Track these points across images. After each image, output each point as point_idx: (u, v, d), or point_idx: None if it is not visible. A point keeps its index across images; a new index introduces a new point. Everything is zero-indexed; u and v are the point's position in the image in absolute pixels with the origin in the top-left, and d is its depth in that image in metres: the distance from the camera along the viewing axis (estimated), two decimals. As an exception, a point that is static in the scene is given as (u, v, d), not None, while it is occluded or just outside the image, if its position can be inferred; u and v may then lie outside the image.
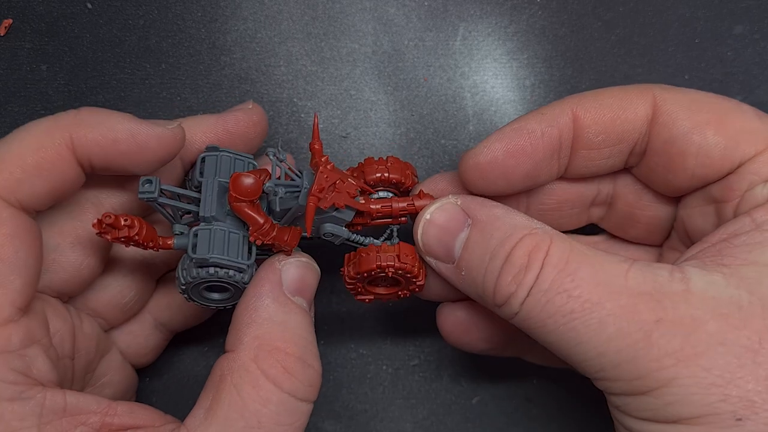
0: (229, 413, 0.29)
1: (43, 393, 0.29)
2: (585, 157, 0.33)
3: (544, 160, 0.33)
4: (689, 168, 0.32)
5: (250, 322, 0.31)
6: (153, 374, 0.44)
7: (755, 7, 0.44)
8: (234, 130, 0.36)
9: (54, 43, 0.44)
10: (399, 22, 0.45)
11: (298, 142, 0.44)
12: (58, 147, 0.30)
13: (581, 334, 0.27)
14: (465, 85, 0.45)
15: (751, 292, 0.27)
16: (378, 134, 0.44)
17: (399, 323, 0.45)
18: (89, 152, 0.31)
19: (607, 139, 0.33)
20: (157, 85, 0.44)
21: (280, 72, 0.44)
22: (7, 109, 0.44)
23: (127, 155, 0.32)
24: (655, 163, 0.33)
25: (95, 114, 0.32)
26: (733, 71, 0.44)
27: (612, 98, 0.33)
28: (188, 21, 0.44)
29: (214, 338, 0.44)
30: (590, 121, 0.32)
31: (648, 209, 0.36)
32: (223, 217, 0.33)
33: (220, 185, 0.33)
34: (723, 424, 0.25)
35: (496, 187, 0.33)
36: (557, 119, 0.32)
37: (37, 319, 0.31)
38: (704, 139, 0.31)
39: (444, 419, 0.44)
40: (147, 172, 0.33)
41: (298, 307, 0.32)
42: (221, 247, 0.32)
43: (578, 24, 0.45)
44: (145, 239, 0.32)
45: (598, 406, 0.44)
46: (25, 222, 0.30)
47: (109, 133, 0.31)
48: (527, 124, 0.32)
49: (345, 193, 0.32)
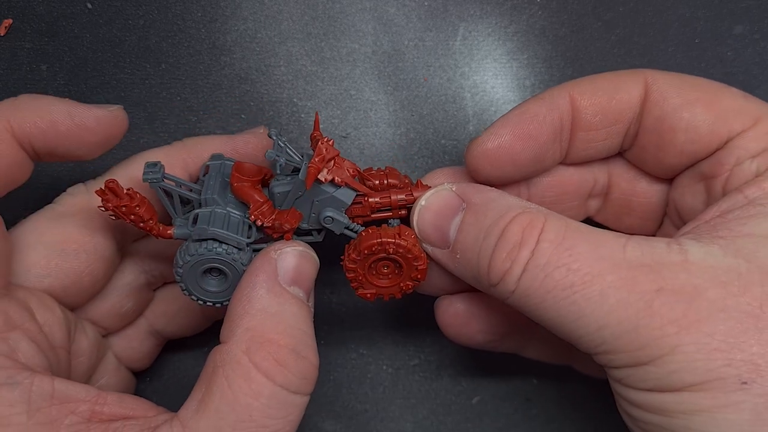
0: (221, 406, 0.29)
1: (31, 378, 0.29)
2: (583, 139, 0.34)
3: (548, 142, 0.33)
4: (679, 144, 0.33)
5: (243, 314, 0.31)
6: (154, 375, 0.44)
7: (755, 7, 0.44)
8: (243, 151, 0.37)
9: (54, 43, 0.44)
10: (399, 22, 0.45)
11: (298, 142, 0.44)
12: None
13: (582, 308, 0.27)
14: (465, 85, 0.45)
15: (749, 260, 0.27)
16: (378, 134, 0.44)
17: (399, 323, 0.45)
18: (29, 135, 0.32)
19: (604, 120, 0.33)
20: (157, 85, 0.44)
21: (280, 72, 0.44)
22: (7, 109, 0.44)
23: (67, 137, 0.32)
24: (647, 141, 0.34)
25: (33, 99, 0.32)
26: (733, 71, 0.44)
27: (607, 81, 0.33)
28: (188, 21, 0.44)
29: (215, 339, 0.44)
30: (587, 103, 0.33)
31: (642, 196, 0.37)
32: (224, 204, 0.33)
33: (223, 179, 0.34)
34: (728, 388, 0.25)
35: (503, 172, 0.33)
36: (557, 102, 0.33)
37: (17, 306, 0.31)
38: (693, 116, 0.32)
39: (444, 419, 0.44)
40: (91, 156, 0.34)
41: (293, 297, 0.32)
42: (221, 224, 0.32)
43: (578, 24, 0.45)
44: (145, 215, 0.32)
45: (598, 407, 0.45)
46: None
47: (46, 115, 0.32)
48: (530, 108, 0.33)
49: (344, 169, 0.32)
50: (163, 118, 0.44)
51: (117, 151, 0.43)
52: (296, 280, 0.32)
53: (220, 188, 0.33)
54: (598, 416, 0.43)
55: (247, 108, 0.44)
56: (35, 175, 0.43)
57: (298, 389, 0.30)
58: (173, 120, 0.44)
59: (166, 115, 0.44)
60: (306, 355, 0.31)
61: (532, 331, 0.39)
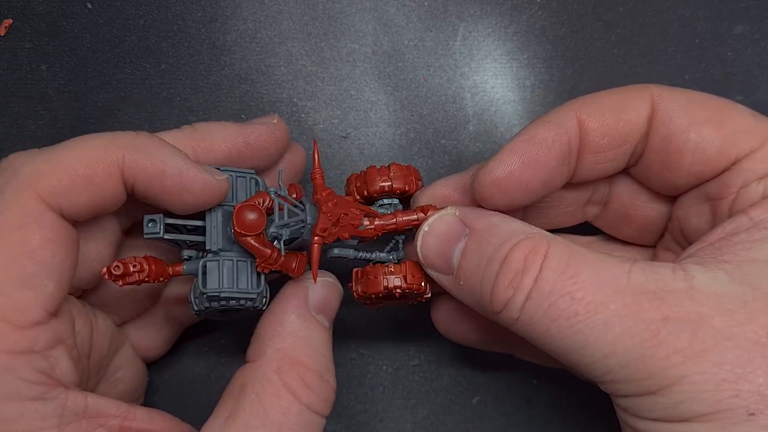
0: (250, 420, 0.30)
1: (65, 394, 0.29)
2: (591, 160, 0.33)
3: (557, 167, 0.33)
4: (686, 165, 0.32)
5: (274, 335, 0.32)
6: (154, 373, 0.44)
7: (755, 7, 0.44)
8: (255, 143, 0.36)
9: (54, 43, 0.44)
10: (399, 23, 0.45)
11: (298, 142, 0.44)
12: (110, 165, 0.31)
13: (587, 337, 0.27)
14: (465, 86, 0.45)
15: (755, 287, 0.27)
16: (378, 134, 0.44)
17: (399, 323, 0.45)
18: (136, 177, 0.31)
19: (612, 141, 0.33)
20: (158, 85, 0.44)
21: (280, 72, 0.44)
22: (8, 108, 0.44)
23: (169, 192, 0.32)
24: (653, 161, 0.33)
25: (152, 142, 0.32)
26: (733, 71, 0.44)
27: (613, 100, 0.33)
28: (188, 21, 0.44)
29: (214, 338, 0.44)
30: (595, 125, 0.32)
31: (643, 209, 0.36)
32: (230, 245, 0.33)
33: (224, 213, 0.34)
34: (736, 419, 0.25)
35: (513, 199, 0.33)
36: (565, 126, 0.32)
37: (65, 321, 0.31)
38: (701, 137, 0.31)
39: (444, 419, 0.44)
40: (178, 212, 0.33)
41: (320, 324, 0.34)
42: (231, 279, 0.33)
43: (578, 24, 0.45)
44: (156, 276, 0.33)
45: (599, 407, 0.44)
46: (66, 228, 0.30)
47: (159, 164, 0.31)
48: (537, 133, 0.32)
49: (349, 225, 0.33)
50: (163, 118, 0.44)
51: (117, 151, 0.43)
52: (323, 308, 0.34)
53: (222, 229, 0.34)
54: (599, 417, 0.43)
55: (247, 108, 0.44)
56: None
57: (320, 410, 0.32)
58: (173, 120, 0.44)
59: (167, 115, 0.44)
60: (328, 379, 0.33)
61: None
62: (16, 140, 0.43)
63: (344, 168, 0.44)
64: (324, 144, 0.44)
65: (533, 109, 0.44)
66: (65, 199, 0.30)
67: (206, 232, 0.33)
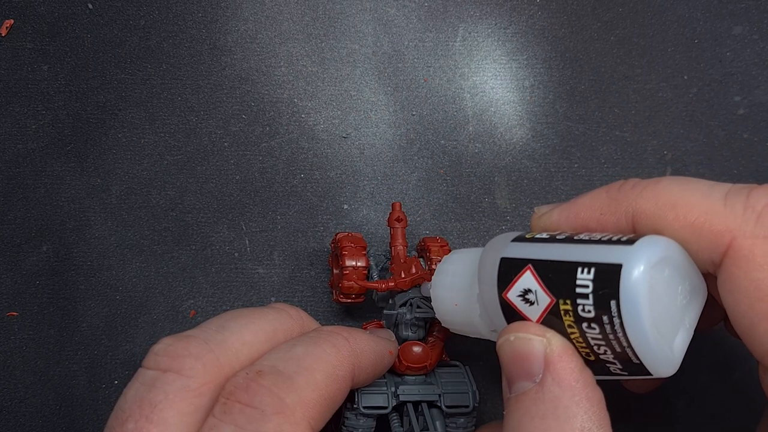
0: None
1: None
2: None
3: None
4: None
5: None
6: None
7: (754, 7, 0.44)
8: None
9: (55, 44, 0.44)
10: (399, 23, 0.45)
11: (298, 142, 0.44)
12: (345, 380, 0.31)
13: None
14: (465, 86, 0.45)
15: None
16: (378, 135, 0.44)
17: (399, 323, 0.45)
18: (358, 380, 0.32)
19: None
20: (158, 85, 0.44)
21: (280, 72, 0.44)
22: (9, 109, 0.44)
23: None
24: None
25: (364, 342, 0.32)
26: (732, 71, 0.44)
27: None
28: (189, 22, 0.45)
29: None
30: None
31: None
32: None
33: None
34: None
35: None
36: None
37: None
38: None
39: (444, 419, 0.44)
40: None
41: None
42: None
43: (578, 24, 0.45)
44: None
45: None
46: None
47: (379, 363, 0.33)
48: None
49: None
50: (164, 117, 0.44)
51: (118, 150, 0.43)
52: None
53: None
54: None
55: (248, 108, 0.44)
56: (35, 174, 0.43)
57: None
58: (174, 120, 0.44)
59: (167, 115, 0.44)
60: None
61: None
62: (16, 140, 0.43)
63: (344, 168, 0.44)
64: (324, 144, 0.44)
65: (532, 109, 0.44)
66: (319, 421, 0.29)
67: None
